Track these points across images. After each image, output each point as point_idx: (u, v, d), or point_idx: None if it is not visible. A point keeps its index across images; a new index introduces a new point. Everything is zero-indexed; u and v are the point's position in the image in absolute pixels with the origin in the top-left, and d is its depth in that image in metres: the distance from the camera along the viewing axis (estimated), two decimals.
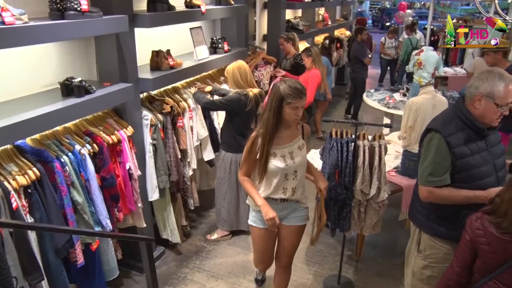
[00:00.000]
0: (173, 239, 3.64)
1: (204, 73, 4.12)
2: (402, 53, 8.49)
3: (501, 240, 1.68)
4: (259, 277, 3.20)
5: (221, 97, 3.55)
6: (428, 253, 2.32)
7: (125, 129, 2.90)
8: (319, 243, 3.87)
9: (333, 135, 3.06)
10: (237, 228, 3.88)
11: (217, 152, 4.02)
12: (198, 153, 3.92)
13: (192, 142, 3.67)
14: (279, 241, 2.69)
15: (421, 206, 2.32)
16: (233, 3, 4.33)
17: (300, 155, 2.49)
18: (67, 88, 2.50)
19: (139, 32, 3.07)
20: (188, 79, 3.87)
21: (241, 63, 3.58)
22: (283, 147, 2.44)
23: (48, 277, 2.36)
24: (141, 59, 3.20)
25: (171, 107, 3.36)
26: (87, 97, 2.51)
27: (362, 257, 3.69)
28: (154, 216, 3.56)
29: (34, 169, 2.23)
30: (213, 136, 4.03)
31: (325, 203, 2.74)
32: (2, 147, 2.24)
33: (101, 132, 2.72)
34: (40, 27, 2.14)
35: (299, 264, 3.53)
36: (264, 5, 6.14)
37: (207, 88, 3.68)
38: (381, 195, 3.07)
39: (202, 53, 3.80)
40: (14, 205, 2.09)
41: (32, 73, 2.61)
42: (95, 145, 2.63)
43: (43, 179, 2.27)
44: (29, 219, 2.20)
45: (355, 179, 3.02)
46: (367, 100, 6.12)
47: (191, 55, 3.81)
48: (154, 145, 3.23)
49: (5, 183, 2.09)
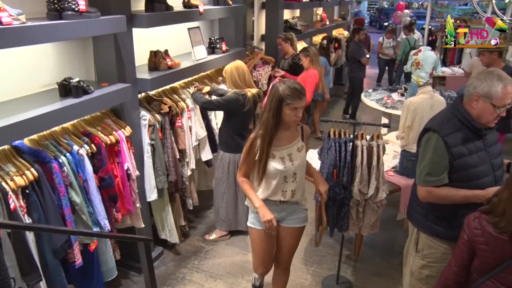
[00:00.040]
0: (171, 239, 3.64)
1: (202, 73, 4.12)
2: (400, 53, 8.50)
3: (498, 239, 1.68)
4: (257, 283, 3.10)
5: (219, 97, 3.55)
6: (426, 253, 2.32)
7: (123, 129, 2.89)
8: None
9: (331, 135, 3.07)
10: (235, 228, 3.88)
11: (215, 152, 4.02)
12: (197, 153, 3.92)
13: (191, 142, 3.67)
14: (278, 242, 2.66)
15: (419, 205, 2.32)
16: (231, 3, 4.33)
17: (299, 157, 2.46)
18: (65, 89, 2.50)
19: (137, 32, 3.07)
20: (186, 79, 3.86)
21: (239, 63, 3.58)
22: (282, 148, 2.41)
23: (46, 277, 2.35)
24: (139, 59, 3.20)
25: (169, 107, 3.36)
26: (85, 97, 2.51)
27: (361, 257, 3.69)
28: (152, 217, 3.56)
29: (32, 169, 2.23)
30: (210, 136, 4.03)
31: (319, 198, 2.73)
32: (0, 148, 2.23)
33: (99, 133, 2.72)
34: (38, 27, 2.13)
35: (297, 264, 3.53)
36: (262, 5, 6.14)
37: (205, 89, 3.67)
38: (379, 195, 3.08)
39: (200, 53, 3.80)
40: (12, 205, 2.08)
41: (30, 73, 2.60)
42: (93, 145, 2.62)
43: (41, 179, 2.26)
44: (27, 220, 2.20)
45: (353, 179, 3.02)
46: (365, 100, 6.12)
47: (189, 55, 3.81)
48: (152, 145, 3.23)
49: (3, 183, 2.09)
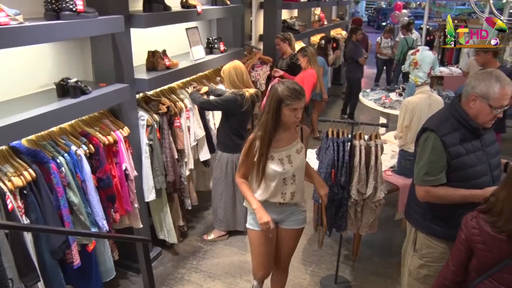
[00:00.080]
0: (170, 239, 3.63)
1: (200, 73, 4.12)
2: (398, 53, 8.51)
3: (496, 239, 1.69)
4: None
5: (217, 97, 3.54)
6: (424, 252, 2.32)
7: (121, 129, 2.89)
8: (316, 243, 3.87)
9: (330, 135, 3.07)
10: (233, 228, 3.88)
11: (212, 153, 4.02)
12: (195, 153, 3.92)
13: (189, 142, 3.67)
14: (277, 244, 2.64)
15: (417, 205, 2.33)
16: (229, 3, 4.33)
17: (299, 158, 2.44)
18: (63, 89, 2.49)
19: (135, 33, 3.06)
20: (184, 80, 3.86)
21: (237, 63, 3.58)
22: (281, 150, 2.40)
23: (44, 278, 2.35)
24: (137, 59, 3.20)
25: (167, 107, 3.36)
26: (83, 97, 2.50)
27: (359, 257, 3.69)
28: (150, 217, 3.55)
29: (30, 170, 2.22)
30: (207, 136, 4.02)
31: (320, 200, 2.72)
32: None
33: (97, 133, 2.71)
34: (35, 27, 2.13)
35: (296, 264, 3.53)
36: (260, 5, 6.14)
37: (203, 89, 3.67)
38: (378, 194, 3.08)
39: (198, 53, 3.80)
40: (9, 206, 2.07)
41: (28, 73, 2.59)
42: (91, 145, 2.62)
43: (39, 180, 2.26)
44: (25, 220, 2.19)
45: (351, 178, 3.02)
46: (363, 100, 6.13)
47: (187, 55, 3.80)
48: (150, 145, 3.23)
49: (1, 184, 2.08)
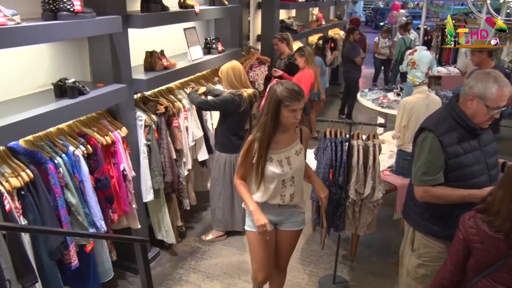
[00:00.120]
0: (168, 240, 3.63)
1: (198, 74, 4.11)
2: (396, 53, 8.52)
3: (493, 238, 1.69)
4: None
5: (215, 98, 3.54)
6: (422, 252, 2.33)
7: (119, 130, 2.89)
8: (314, 243, 3.89)
9: (327, 134, 3.07)
10: (232, 228, 3.88)
11: (210, 153, 4.02)
12: (193, 153, 3.91)
13: (188, 142, 3.67)
14: (276, 245, 2.64)
15: (415, 205, 2.33)
16: (227, 3, 4.33)
17: (298, 160, 2.43)
18: (61, 89, 2.49)
19: (132, 33, 3.06)
20: (182, 80, 3.86)
21: (235, 64, 3.58)
22: (280, 152, 2.38)
23: (42, 279, 2.34)
24: (135, 59, 3.19)
25: (165, 107, 3.35)
26: (80, 98, 2.50)
27: (357, 257, 3.70)
28: (148, 217, 3.55)
29: (28, 170, 2.21)
30: (204, 137, 4.02)
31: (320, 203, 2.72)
32: None
33: (95, 133, 2.71)
34: (33, 27, 2.12)
35: (294, 264, 3.53)
36: (258, 5, 6.14)
37: (201, 90, 3.67)
38: (376, 194, 3.08)
39: (196, 54, 3.80)
40: (7, 207, 2.07)
41: (25, 74, 2.59)
42: (89, 146, 2.62)
43: (36, 180, 2.25)
44: (22, 221, 2.19)
45: (349, 178, 3.03)
46: (361, 100, 6.13)
47: (185, 55, 3.80)
48: (148, 146, 3.22)
49: None
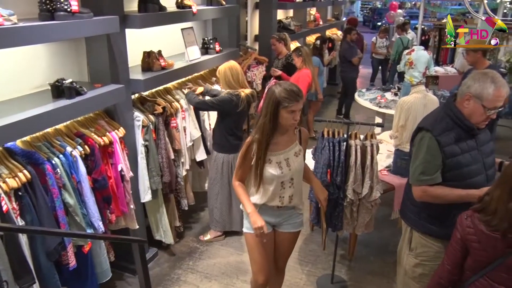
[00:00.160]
0: (166, 240, 3.62)
1: (196, 74, 4.11)
2: (393, 53, 8.54)
3: (491, 237, 1.70)
4: None
5: (212, 98, 3.54)
6: (419, 251, 2.33)
7: (116, 130, 2.88)
8: (312, 243, 3.89)
9: (325, 134, 3.08)
10: (230, 228, 3.88)
11: (208, 154, 4.01)
12: (191, 153, 3.91)
13: (185, 142, 3.67)
14: (274, 247, 2.63)
15: (412, 204, 2.34)
16: (224, 3, 4.33)
17: (297, 161, 2.41)
18: (58, 90, 2.48)
19: (130, 33, 3.05)
20: (179, 80, 3.86)
21: (233, 64, 3.58)
22: (279, 153, 2.37)
23: (40, 280, 2.34)
24: (132, 60, 3.19)
25: (163, 107, 3.35)
26: (78, 98, 2.50)
27: (355, 256, 3.71)
28: (146, 218, 3.54)
29: (25, 171, 2.21)
30: (203, 137, 4.01)
31: (318, 203, 2.72)
32: None
33: (92, 134, 2.70)
34: (30, 28, 2.12)
35: (292, 264, 3.54)
36: (255, 5, 6.14)
37: (199, 90, 3.67)
38: (373, 194, 3.09)
39: (194, 54, 3.80)
40: (4, 208, 2.06)
41: (22, 74, 2.58)
42: (86, 146, 2.61)
43: (34, 181, 2.25)
44: (20, 222, 2.18)
45: (347, 178, 3.03)
46: (359, 100, 6.14)
47: (182, 55, 3.80)
48: (146, 146, 3.22)
49: None
